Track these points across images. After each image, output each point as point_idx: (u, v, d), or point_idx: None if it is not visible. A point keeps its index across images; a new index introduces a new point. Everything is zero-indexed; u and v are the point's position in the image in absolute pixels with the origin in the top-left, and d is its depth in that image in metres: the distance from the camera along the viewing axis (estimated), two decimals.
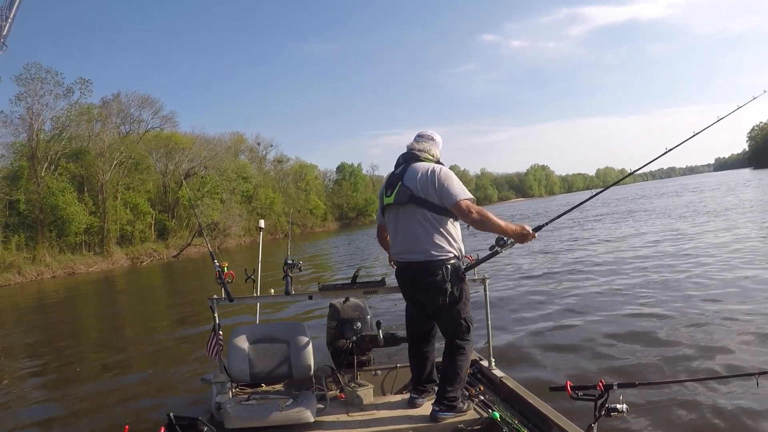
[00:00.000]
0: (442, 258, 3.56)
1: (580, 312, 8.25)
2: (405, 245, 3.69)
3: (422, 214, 3.59)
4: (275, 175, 76.58)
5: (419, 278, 3.63)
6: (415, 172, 3.66)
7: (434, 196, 3.56)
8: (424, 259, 3.58)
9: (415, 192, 3.61)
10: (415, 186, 3.61)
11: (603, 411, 2.65)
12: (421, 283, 3.62)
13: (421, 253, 3.59)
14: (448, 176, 3.59)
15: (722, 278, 9.44)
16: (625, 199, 47.72)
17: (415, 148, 3.81)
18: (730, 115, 4.14)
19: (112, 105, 50.55)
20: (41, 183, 40.12)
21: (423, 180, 3.60)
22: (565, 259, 14.72)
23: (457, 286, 3.59)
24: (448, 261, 3.57)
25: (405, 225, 3.68)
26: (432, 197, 3.57)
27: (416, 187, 3.61)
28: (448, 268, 3.54)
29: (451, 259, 3.59)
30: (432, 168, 3.63)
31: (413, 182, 3.63)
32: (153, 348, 9.84)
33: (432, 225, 3.58)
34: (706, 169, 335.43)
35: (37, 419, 6.25)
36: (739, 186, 47.45)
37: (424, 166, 3.67)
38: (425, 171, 3.63)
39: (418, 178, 3.61)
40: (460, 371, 3.62)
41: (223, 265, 4.11)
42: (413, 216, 3.62)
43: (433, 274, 3.54)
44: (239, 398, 3.71)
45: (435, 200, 3.57)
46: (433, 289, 3.56)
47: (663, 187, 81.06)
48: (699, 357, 5.69)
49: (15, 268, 34.62)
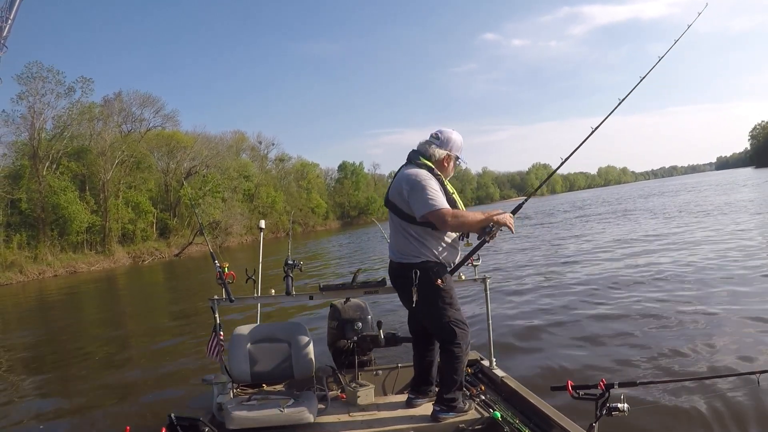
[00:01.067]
0: (412, 262, 3.57)
1: (581, 311, 8.24)
2: (390, 246, 3.84)
3: (395, 218, 3.69)
4: (277, 173, 76.61)
5: (393, 280, 3.78)
6: (398, 178, 3.69)
7: (404, 204, 3.58)
8: (396, 260, 3.70)
9: (391, 197, 3.69)
10: (393, 192, 3.68)
11: (604, 410, 2.65)
12: (395, 284, 3.77)
13: (396, 255, 3.72)
14: (418, 185, 3.49)
15: (722, 279, 9.42)
16: (624, 198, 47.70)
17: (417, 150, 3.78)
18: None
19: (113, 104, 50.61)
20: (43, 182, 40.16)
21: (397, 186, 3.65)
22: (565, 259, 14.71)
23: (429, 290, 3.52)
24: (418, 264, 3.53)
25: (391, 226, 3.80)
26: (402, 204, 3.60)
27: (393, 194, 3.68)
28: (416, 272, 3.50)
29: (426, 262, 3.55)
30: (408, 175, 3.58)
31: (392, 187, 3.72)
32: (154, 348, 9.84)
33: (404, 230, 3.64)
34: (707, 168, 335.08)
35: (38, 419, 6.25)
36: (737, 186, 47.36)
37: (407, 172, 3.63)
38: (401, 177, 3.64)
39: (396, 186, 3.66)
40: (455, 375, 3.60)
41: (223, 266, 4.11)
42: (392, 219, 3.74)
43: (404, 276, 3.59)
44: (240, 398, 3.71)
45: (404, 207, 3.59)
46: (404, 292, 3.64)
47: (663, 186, 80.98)
48: (700, 356, 5.68)
49: (17, 267, 34.71)
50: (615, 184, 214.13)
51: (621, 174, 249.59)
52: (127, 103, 52.06)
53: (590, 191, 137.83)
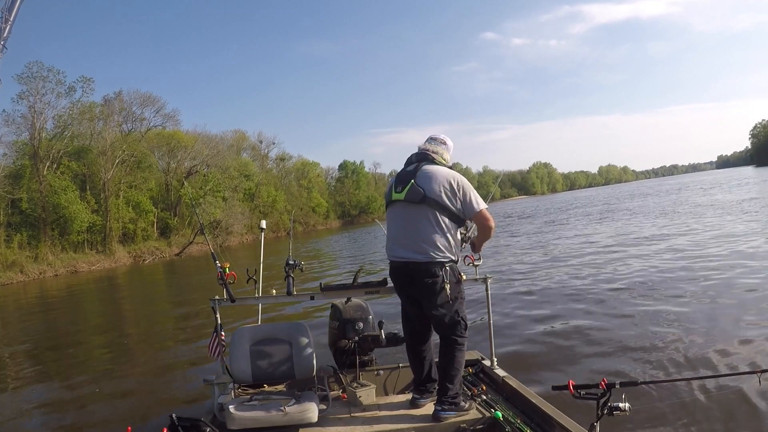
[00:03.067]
0: (443, 260, 3.58)
1: (582, 311, 8.25)
2: (407, 244, 3.66)
3: (434, 215, 3.58)
4: (277, 173, 76.61)
5: (418, 278, 3.63)
6: (431, 174, 3.64)
7: (454, 204, 3.59)
8: (424, 259, 3.58)
9: (430, 193, 3.58)
10: (431, 188, 3.59)
11: (605, 410, 2.64)
12: (420, 283, 3.62)
13: (422, 254, 3.59)
14: (470, 186, 3.66)
15: (724, 278, 9.43)
16: (623, 197, 47.64)
17: (429, 149, 3.80)
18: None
19: (114, 103, 50.68)
20: (43, 181, 40.24)
21: (442, 184, 3.60)
22: (564, 258, 14.72)
23: (455, 288, 3.63)
24: (448, 263, 3.61)
25: (411, 223, 3.66)
26: (451, 204, 3.59)
27: (432, 189, 3.59)
28: (447, 270, 3.58)
29: (450, 262, 3.64)
30: (453, 175, 3.66)
31: (428, 183, 3.61)
32: (155, 348, 9.85)
33: (441, 228, 3.58)
34: (708, 167, 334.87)
35: (39, 419, 6.27)
36: (736, 185, 47.28)
37: (442, 170, 3.67)
38: (445, 175, 3.63)
39: (438, 181, 3.61)
40: (459, 367, 3.67)
41: (224, 266, 4.11)
42: (424, 216, 3.60)
43: (433, 275, 3.57)
44: (241, 399, 3.70)
45: (453, 207, 3.59)
46: (432, 290, 3.58)
47: (664, 184, 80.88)
48: (701, 356, 5.68)
49: (17, 266, 34.76)
50: (615, 182, 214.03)
51: (622, 173, 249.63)
52: (127, 103, 52.31)
53: (593, 189, 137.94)
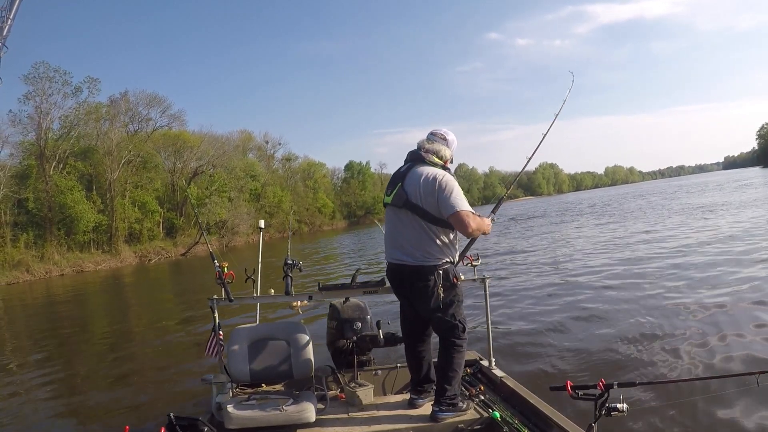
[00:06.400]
0: (434, 264, 3.55)
1: (580, 311, 8.23)
2: (399, 247, 3.66)
3: (416, 220, 3.56)
4: (283, 173, 76.61)
5: (410, 282, 3.63)
6: (416, 177, 3.60)
7: (432, 205, 3.51)
8: (414, 263, 3.57)
9: (412, 198, 3.56)
10: (414, 192, 3.56)
11: (603, 410, 2.64)
12: (413, 286, 3.62)
13: (412, 257, 3.58)
14: (449, 185, 3.50)
15: (722, 279, 9.37)
16: (624, 197, 47.49)
17: (424, 147, 3.74)
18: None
19: (120, 104, 50.97)
20: (50, 181, 40.44)
21: (424, 187, 3.54)
22: (564, 258, 14.68)
23: (449, 291, 3.58)
24: (440, 267, 3.56)
25: (399, 228, 3.67)
26: (429, 205, 3.52)
27: (414, 193, 3.56)
28: (439, 273, 3.54)
29: (444, 264, 3.58)
30: (434, 175, 3.56)
31: (412, 187, 3.58)
32: (155, 348, 9.87)
33: (427, 232, 3.55)
34: (715, 168, 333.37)
35: (39, 418, 6.30)
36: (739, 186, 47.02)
37: (426, 171, 3.59)
38: (427, 177, 3.56)
39: (420, 184, 3.56)
40: (458, 368, 3.65)
41: (223, 266, 4.12)
42: (408, 220, 3.60)
43: (425, 279, 3.54)
44: (239, 398, 3.71)
45: (432, 209, 3.52)
46: (424, 294, 3.56)
47: (664, 184, 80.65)
48: (699, 356, 5.67)
49: (23, 266, 34.95)
50: (622, 183, 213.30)
51: (628, 174, 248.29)
52: (133, 103, 52.57)
53: (598, 190, 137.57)
